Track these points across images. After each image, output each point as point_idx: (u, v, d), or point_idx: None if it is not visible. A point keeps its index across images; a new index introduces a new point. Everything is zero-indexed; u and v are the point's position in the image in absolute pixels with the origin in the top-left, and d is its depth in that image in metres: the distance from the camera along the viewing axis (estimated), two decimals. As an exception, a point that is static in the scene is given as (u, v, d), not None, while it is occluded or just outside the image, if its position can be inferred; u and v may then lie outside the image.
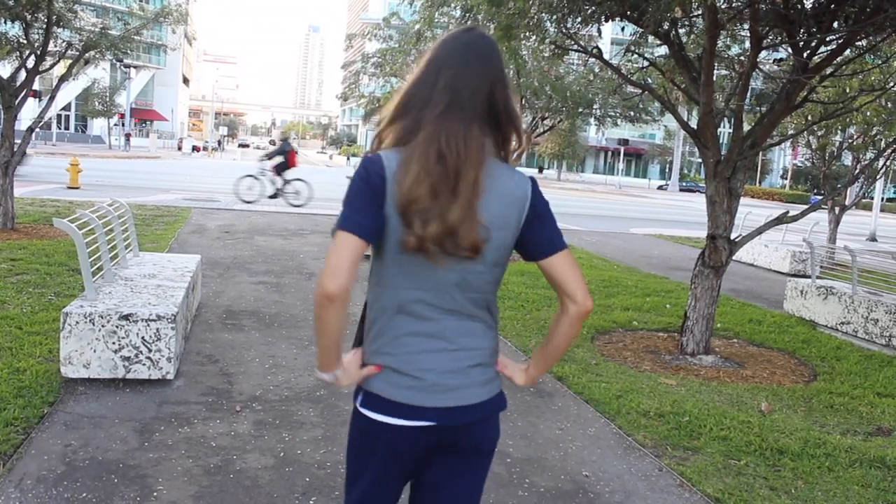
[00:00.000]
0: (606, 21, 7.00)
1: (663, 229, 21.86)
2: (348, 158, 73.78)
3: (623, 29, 7.50)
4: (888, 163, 15.72)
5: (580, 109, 13.38)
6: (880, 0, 5.72)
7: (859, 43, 7.01)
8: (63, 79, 11.55)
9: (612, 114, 14.61)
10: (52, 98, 11.59)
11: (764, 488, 4.10)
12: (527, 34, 7.20)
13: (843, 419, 5.49)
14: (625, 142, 66.92)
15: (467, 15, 7.37)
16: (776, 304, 10.03)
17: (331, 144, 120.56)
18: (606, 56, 7.54)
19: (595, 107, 13.78)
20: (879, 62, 8.52)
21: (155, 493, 3.48)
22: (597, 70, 12.50)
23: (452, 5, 7.77)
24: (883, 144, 12.67)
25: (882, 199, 26.70)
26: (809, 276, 9.42)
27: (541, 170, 76.62)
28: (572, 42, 7.47)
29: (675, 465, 4.33)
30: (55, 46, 11.44)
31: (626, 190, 58.47)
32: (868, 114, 11.93)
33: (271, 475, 3.77)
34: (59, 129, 64.58)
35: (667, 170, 79.22)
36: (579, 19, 6.98)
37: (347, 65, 46.72)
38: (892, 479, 4.36)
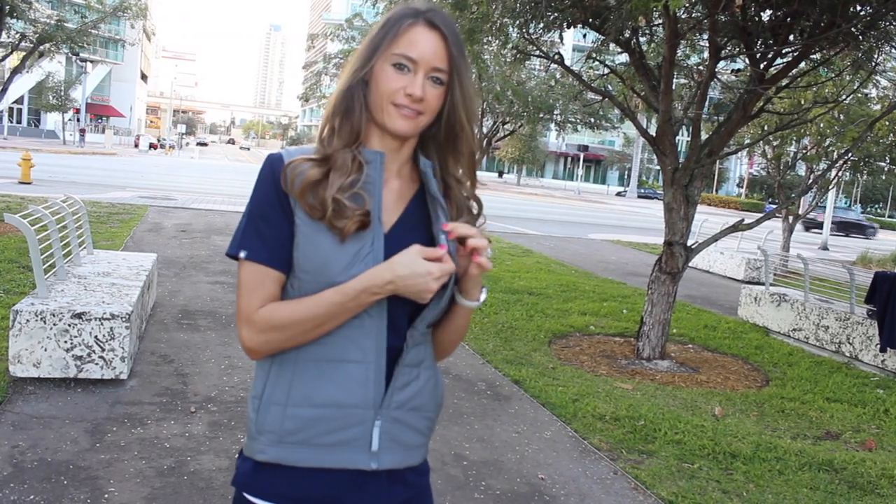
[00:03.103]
0: (569, 28, 7.07)
1: (621, 235, 22.08)
2: None
3: (585, 36, 7.60)
4: (840, 173, 16.10)
5: (541, 115, 13.48)
6: (833, 16, 5.87)
7: (813, 56, 7.18)
8: (16, 71, 11.32)
9: (573, 120, 14.75)
10: (3, 91, 11.35)
11: (716, 491, 4.17)
12: (489, 38, 7.24)
13: (793, 423, 5.60)
14: (584, 148, 67.43)
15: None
16: (731, 311, 10.20)
17: (290, 145, 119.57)
18: (568, 62, 7.62)
19: (556, 112, 13.90)
20: (832, 76, 8.72)
21: (106, 495, 3.42)
22: (558, 76, 12.62)
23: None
24: (835, 155, 12.97)
25: (834, 208, 27.25)
26: (763, 284, 9.59)
27: (500, 174, 76.94)
28: (534, 48, 7.53)
29: (630, 469, 4.37)
30: (8, 38, 11.19)
31: (584, 196, 58.95)
32: (821, 125, 12.24)
33: (226, 477, 3.72)
34: (11, 122, 63.10)
35: (625, 176, 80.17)
36: (542, 25, 7.04)
37: (309, 65, 46.52)
38: (839, 482, 4.46)
